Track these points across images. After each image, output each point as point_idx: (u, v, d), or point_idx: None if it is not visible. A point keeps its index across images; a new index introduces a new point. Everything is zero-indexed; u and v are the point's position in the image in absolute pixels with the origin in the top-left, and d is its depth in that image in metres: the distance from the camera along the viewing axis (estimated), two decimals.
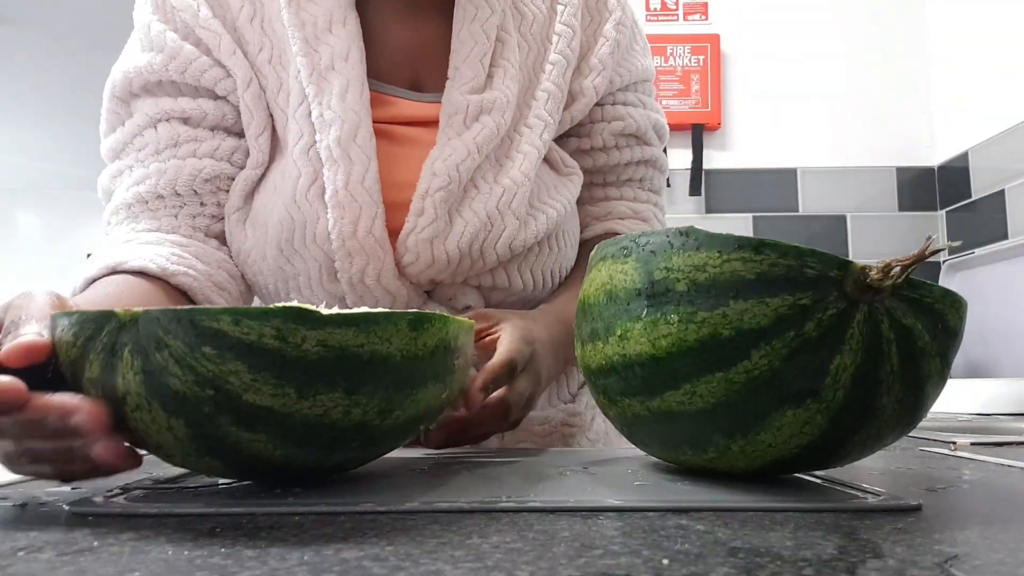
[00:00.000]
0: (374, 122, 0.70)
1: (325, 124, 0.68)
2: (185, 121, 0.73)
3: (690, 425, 0.41)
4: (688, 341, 0.39)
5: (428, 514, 0.35)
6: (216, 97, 0.73)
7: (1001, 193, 1.75)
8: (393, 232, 0.68)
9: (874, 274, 0.37)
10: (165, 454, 0.38)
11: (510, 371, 0.59)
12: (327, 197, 0.67)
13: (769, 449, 0.40)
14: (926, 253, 0.36)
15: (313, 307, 0.36)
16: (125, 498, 0.38)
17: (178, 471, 0.47)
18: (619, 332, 0.42)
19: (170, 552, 0.28)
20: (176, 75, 0.72)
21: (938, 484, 0.45)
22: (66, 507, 0.36)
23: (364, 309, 0.38)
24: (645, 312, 0.40)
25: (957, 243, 0.39)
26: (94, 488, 0.42)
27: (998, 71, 1.77)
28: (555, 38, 0.78)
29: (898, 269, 0.37)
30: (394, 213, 0.68)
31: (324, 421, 0.37)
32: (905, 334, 0.38)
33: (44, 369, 0.38)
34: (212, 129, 0.73)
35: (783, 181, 2.00)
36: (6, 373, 0.35)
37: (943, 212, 1.98)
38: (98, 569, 0.26)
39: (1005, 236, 1.72)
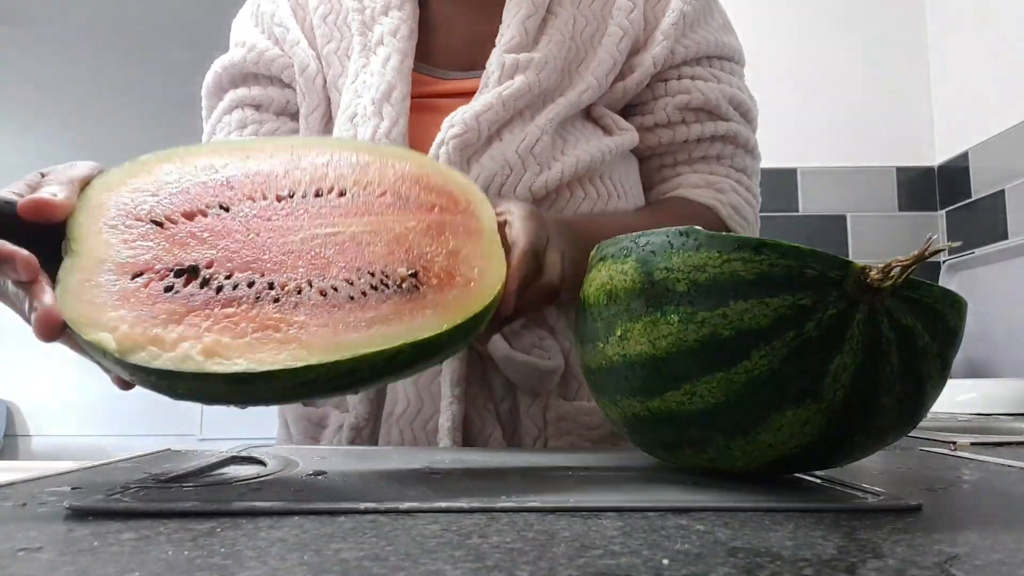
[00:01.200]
0: (421, 96, 0.73)
1: (365, 88, 0.73)
2: (256, 108, 0.81)
3: (690, 425, 0.41)
4: (688, 341, 0.39)
5: (428, 514, 0.35)
6: (284, 85, 0.81)
7: (1001, 193, 1.75)
8: None
9: (874, 274, 0.37)
10: None
11: (535, 257, 0.53)
12: None
13: (769, 449, 0.40)
14: (926, 253, 0.36)
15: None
16: (125, 497, 0.38)
17: (178, 471, 0.47)
18: (619, 332, 0.42)
19: (170, 552, 0.28)
20: (252, 66, 0.81)
21: (938, 484, 0.45)
22: (66, 507, 0.36)
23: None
24: (645, 312, 0.40)
25: (957, 243, 0.39)
26: (94, 487, 0.42)
27: (998, 71, 1.77)
28: (616, 12, 0.77)
29: (898, 269, 0.37)
30: None
31: None
32: (905, 334, 0.38)
33: (53, 231, 0.40)
34: (277, 114, 0.81)
35: (783, 181, 2.00)
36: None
37: (943, 212, 1.98)
38: (98, 569, 0.26)
39: (1005, 236, 1.72)
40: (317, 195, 0.44)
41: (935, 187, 2.00)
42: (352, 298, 0.41)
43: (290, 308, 0.39)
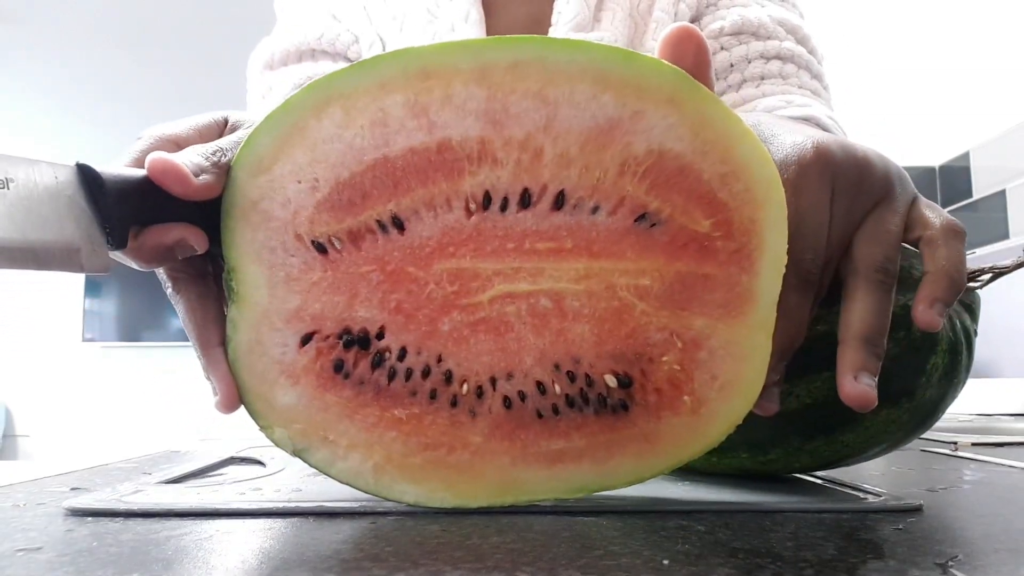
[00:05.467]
0: None
1: None
2: None
3: (769, 426, 0.39)
4: None
5: (428, 514, 0.35)
6: (348, 60, 0.80)
7: (1002, 193, 1.75)
8: None
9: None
10: None
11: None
12: None
13: (843, 449, 0.40)
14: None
15: None
16: (124, 498, 0.37)
17: (178, 471, 0.47)
18: None
19: (169, 553, 0.28)
20: (315, 42, 0.80)
21: (939, 484, 0.45)
22: (65, 507, 0.36)
23: None
24: None
25: None
26: (94, 487, 0.42)
27: (999, 71, 1.77)
28: None
29: (989, 275, 0.38)
30: None
31: None
32: (966, 334, 0.40)
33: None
34: None
35: None
36: None
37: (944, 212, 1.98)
38: (97, 570, 0.26)
39: (1006, 236, 1.72)
40: (523, 201, 0.33)
41: (936, 187, 2.00)
42: (541, 416, 0.34)
43: (467, 418, 0.34)
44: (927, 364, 0.38)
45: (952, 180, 1.94)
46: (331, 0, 0.81)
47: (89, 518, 0.34)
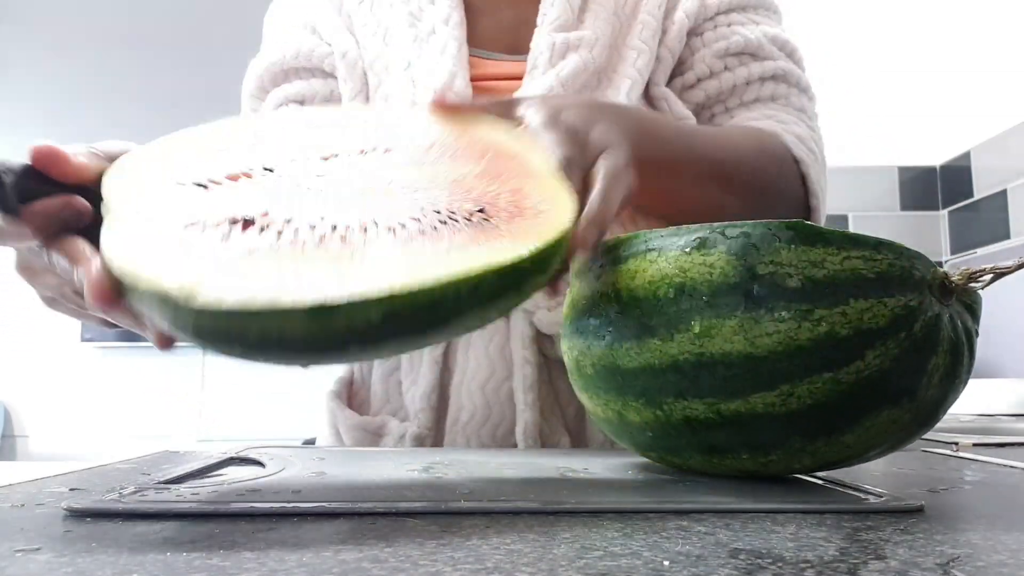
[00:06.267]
0: (473, 80, 0.74)
1: (424, 75, 0.73)
2: (300, 102, 0.81)
3: (769, 428, 0.39)
4: (799, 340, 0.37)
5: (427, 515, 0.35)
6: (326, 75, 0.81)
7: (1003, 193, 1.75)
8: None
9: (957, 278, 0.39)
10: None
11: (573, 137, 0.49)
12: None
13: (844, 450, 0.40)
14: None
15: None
16: (123, 499, 0.37)
17: (176, 472, 0.47)
18: (697, 329, 0.39)
19: (168, 553, 0.28)
20: (293, 60, 0.80)
21: (940, 485, 0.45)
22: (64, 507, 0.36)
23: None
24: (743, 308, 0.38)
25: None
26: (93, 488, 0.42)
27: (1000, 71, 1.77)
28: None
29: (990, 276, 0.38)
30: None
31: None
32: (967, 335, 0.40)
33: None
34: (322, 104, 0.82)
35: None
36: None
37: (945, 212, 1.98)
38: (96, 570, 0.26)
39: (1007, 236, 1.72)
40: (362, 153, 0.45)
41: (937, 187, 2.00)
42: (423, 233, 0.39)
43: (360, 245, 0.37)
44: (928, 364, 0.38)
45: (953, 180, 1.94)
46: (312, 13, 0.81)
47: (88, 519, 0.34)
